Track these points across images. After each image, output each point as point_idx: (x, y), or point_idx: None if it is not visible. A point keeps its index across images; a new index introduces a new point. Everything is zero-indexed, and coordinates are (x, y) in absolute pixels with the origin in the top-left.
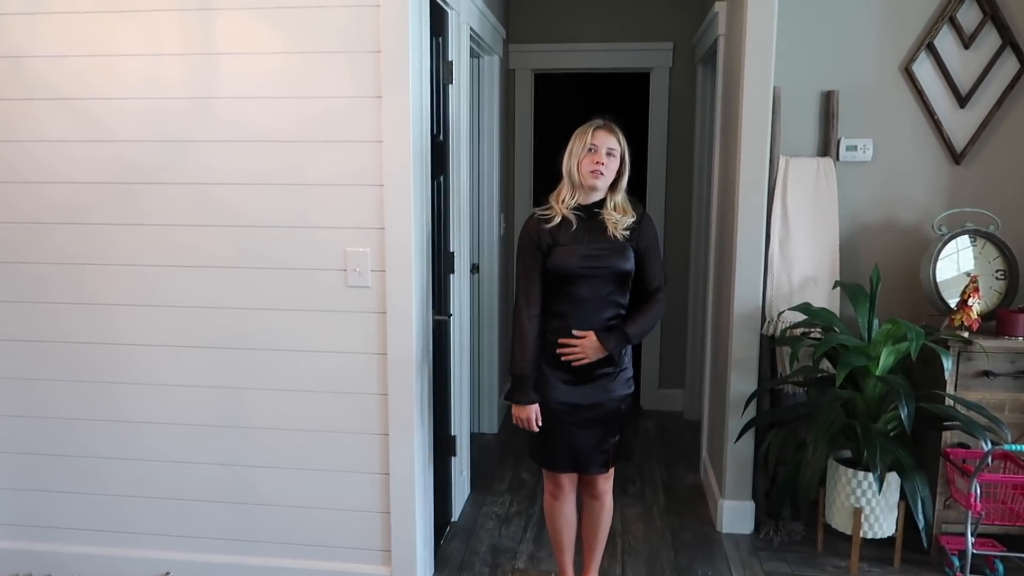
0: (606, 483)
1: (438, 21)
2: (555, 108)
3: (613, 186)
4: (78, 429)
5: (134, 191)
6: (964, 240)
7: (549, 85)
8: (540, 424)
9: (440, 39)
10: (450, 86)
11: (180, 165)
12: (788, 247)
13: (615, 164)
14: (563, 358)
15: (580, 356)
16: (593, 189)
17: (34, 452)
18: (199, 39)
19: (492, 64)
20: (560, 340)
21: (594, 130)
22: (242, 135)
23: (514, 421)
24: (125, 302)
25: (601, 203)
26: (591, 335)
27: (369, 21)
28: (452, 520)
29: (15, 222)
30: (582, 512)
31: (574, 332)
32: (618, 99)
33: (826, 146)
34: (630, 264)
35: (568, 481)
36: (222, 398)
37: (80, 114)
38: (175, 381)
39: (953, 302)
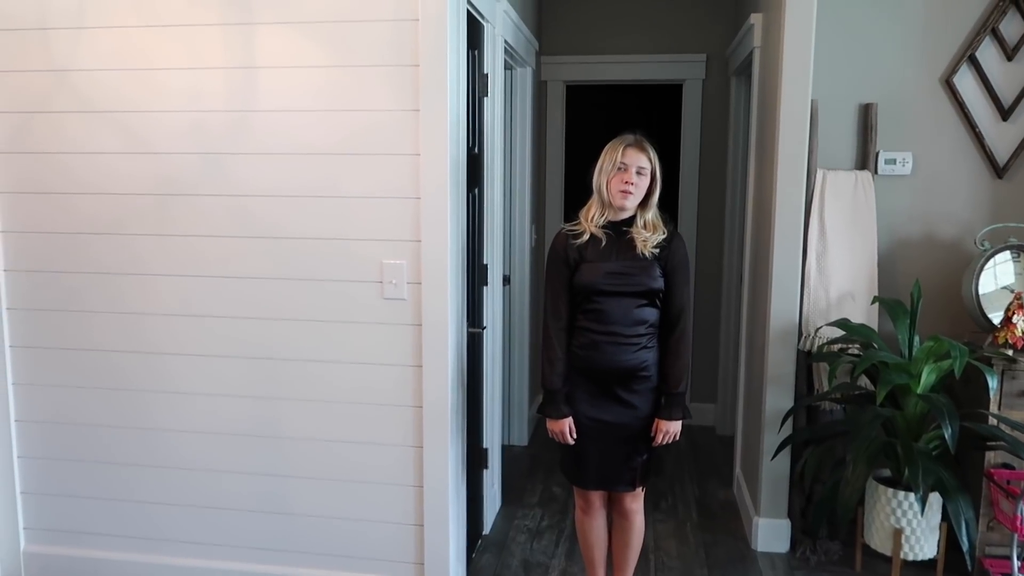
0: (634, 502)
1: (474, 34)
2: (587, 120)
3: (644, 203)
4: (114, 437)
5: (173, 203)
6: (1007, 256)
7: (581, 97)
8: (575, 436)
9: (476, 52)
10: (485, 99)
11: (219, 178)
12: (825, 262)
13: (645, 182)
14: (655, 443)
15: (671, 439)
16: (622, 208)
17: (68, 458)
18: (240, 53)
19: (525, 76)
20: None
21: (624, 148)
22: (280, 148)
23: (549, 435)
24: (162, 312)
25: (631, 220)
26: (659, 424)
27: (408, 35)
28: (484, 533)
29: (55, 232)
30: (612, 530)
31: (653, 436)
32: (650, 111)
33: (864, 159)
34: (658, 283)
35: (598, 498)
36: (257, 408)
37: (121, 127)
38: (211, 391)
39: (996, 319)
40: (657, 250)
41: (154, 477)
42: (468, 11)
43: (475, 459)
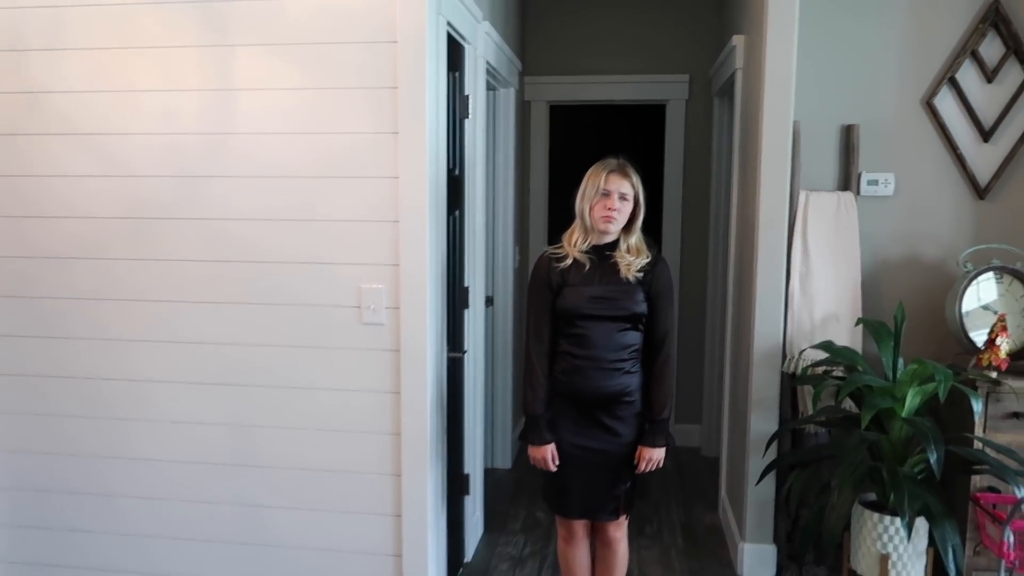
0: (617, 530)
1: (455, 56)
2: (570, 140)
3: (627, 227)
4: (90, 465)
5: (149, 226)
6: (990, 277)
7: (565, 117)
8: (557, 463)
9: (457, 74)
10: (466, 120)
11: (196, 200)
12: (809, 283)
13: (628, 207)
14: (638, 471)
15: (654, 467)
16: (605, 232)
17: (40, 488)
18: (216, 75)
19: (508, 96)
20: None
21: (607, 174)
22: (258, 171)
23: (531, 462)
24: (139, 337)
25: (614, 244)
26: (642, 451)
27: (386, 57)
28: (465, 561)
29: (32, 256)
30: (595, 559)
31: (636, 463)
32: (634, 131)
33: (847, 180)
34: (641, 307)
35: (581, 527)
36: (233, 436)
37: (97, 149)
38: (185, 418)
39: (980, 340)
40: (641, 274)
41: (131, 506)
42: (448, 33)
43: (456, 485)
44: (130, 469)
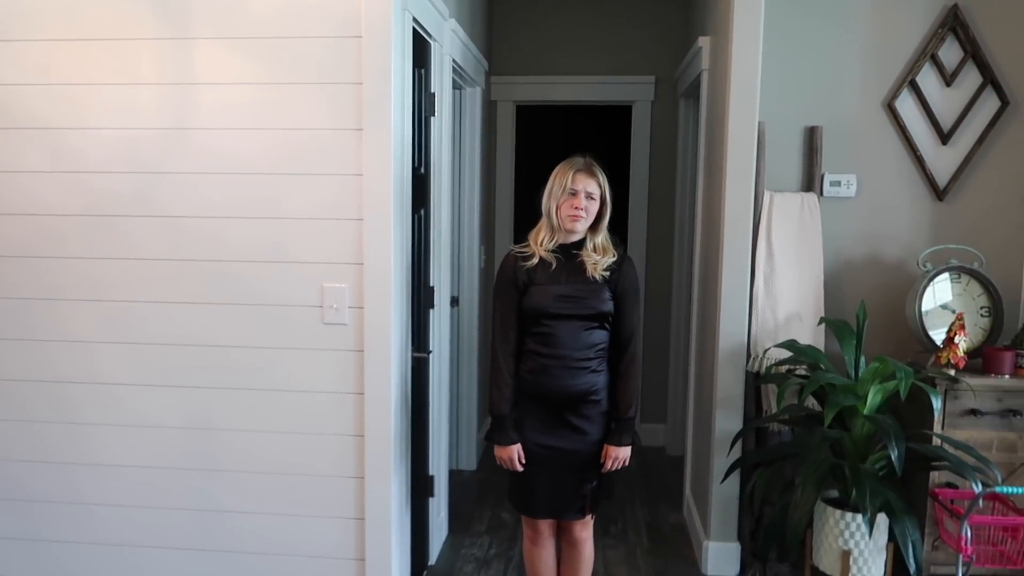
0: (584, 530)
1: (421, 53)
2: (537, 140)
3: (594, 226)
4: (31, 472)
5: (106, 223)
6: (948, 277)
7: (531, 117)
8: (523, 463)
9: (423, 71)
10: (432, 118)
11: (153, 197)
12: (773, 283)
13: (595, 206)
14: (604, 470)
15: (620, 465)
16: (572, 232)
17: (6, 498)
18: (175, 68)
19: (474, 96)
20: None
21: (574, 173)
22: (218, 167)
23: (497, 462)
24: (90, 339)
25: (581, 243)
26: (608, 450)
27: (350, 52)
28: (429, 564)
29: None
30: (561, 559)
31: (602, 460)
32: (601, 131)
33: (810, 181)
34: (608, 306)
35: (547, 527)
36: (191, 439)
37: (51, 143)
38: (139, 422)
39: (938, 339)
40: (607, 273)
41: (76, 514)
42: (414, 29)
43: (420, 487)
44: (75, 474)
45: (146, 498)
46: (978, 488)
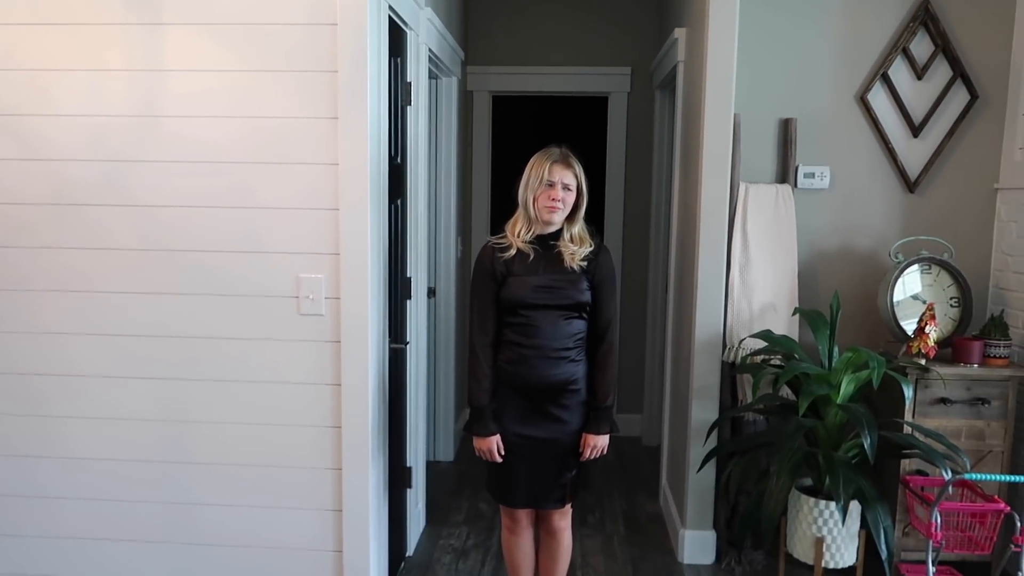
0: (562, 519)
1: (397, 41)
2: (514, 130)
3: (571, 216)
4: (8, 463)
5: (73, 212)
6: (919, 268)
7: (508, 107)
8: (503, 453)
9: (398, 60)
10: (408, 107)
11: (123, 185)
12: (748, 274)
13: (572, 197)
14: (583, 458)
15: (599, 454)
16: (549, 223)
17: None
18: (145, 55)
19: (450, 86)
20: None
21: (551, 164)
22: (190, 155)
23: (476, 453)
24: (60, 331)
25: (558, 233)
26: (587, 438)
27: (325, 40)
28: (407, 555)
29: None
30: (539, 549)
31: (581, 449)
32: (577, 122)
33: (784, 173)
34: (586, 296)
35: (525, 516)
36: (165, 431)
37: (16, 130)
38: (113, 414)
39: (910, 329)
40: (585, 263)
41: (43, 508)
42: (390, 17)
43: (398, 479)
44: (47, 467)
45: (118, 491)
46: (947, 475)
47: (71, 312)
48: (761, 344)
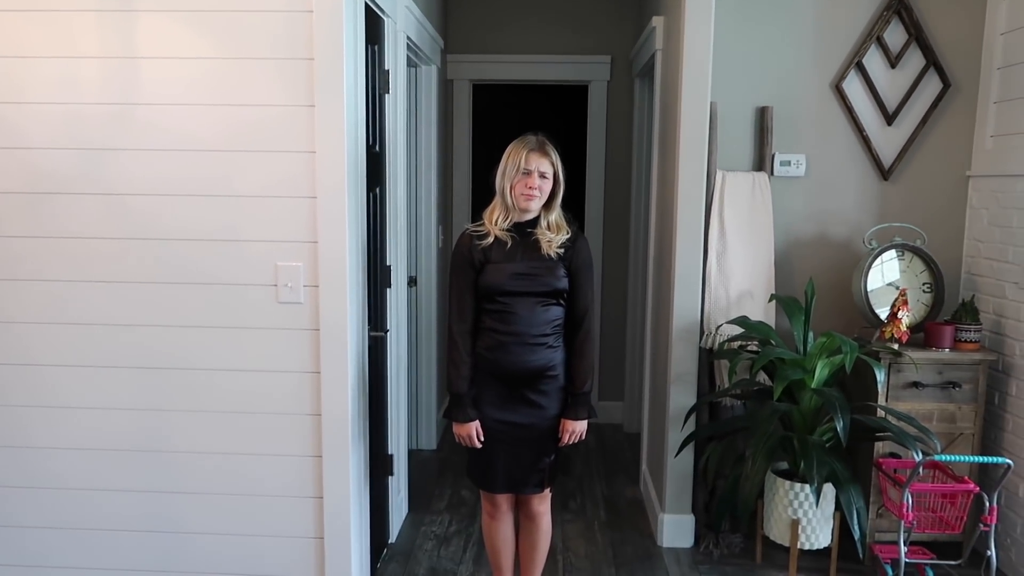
0: (542, 504)
1: (374, 29)
2: (494, 118)
3: (548, 204)
4: None
5: (48, 201)
6: (893, 254)
7: (488, 95)
8: (482, 439)
9: (376, 47)
10: (386, 96)
11: (98, 174)
12: (725, 261)
13: (548, 185)
14: (561, 443)
15: (577, 439)
16: (526, 211)
17: None
18: (119, 41)
19: (430, 74)
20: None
21: (528, 153)
22: (165, 143)
23: (456, 439)
24: (36, 320)
25: (535, 221)
26: (565, 424)
27: (301, 27)
28: (389, 542)
29: None
30: (519, 533)
31: (560, 434)
32: (557, 110)
33: (761, 161)
34: (563, 283)
35: (505, 501)
36: (142, 421)
37: None
38: (90, 404)
39: (883, 314)
40: (562, 250)
41: (26, 498)
42: (367, 4)
43: (379, 466)
44: (21, 458)
45: (92, 481)
46: (919, 457)
47: (43, 303)
48: (738, 330)
